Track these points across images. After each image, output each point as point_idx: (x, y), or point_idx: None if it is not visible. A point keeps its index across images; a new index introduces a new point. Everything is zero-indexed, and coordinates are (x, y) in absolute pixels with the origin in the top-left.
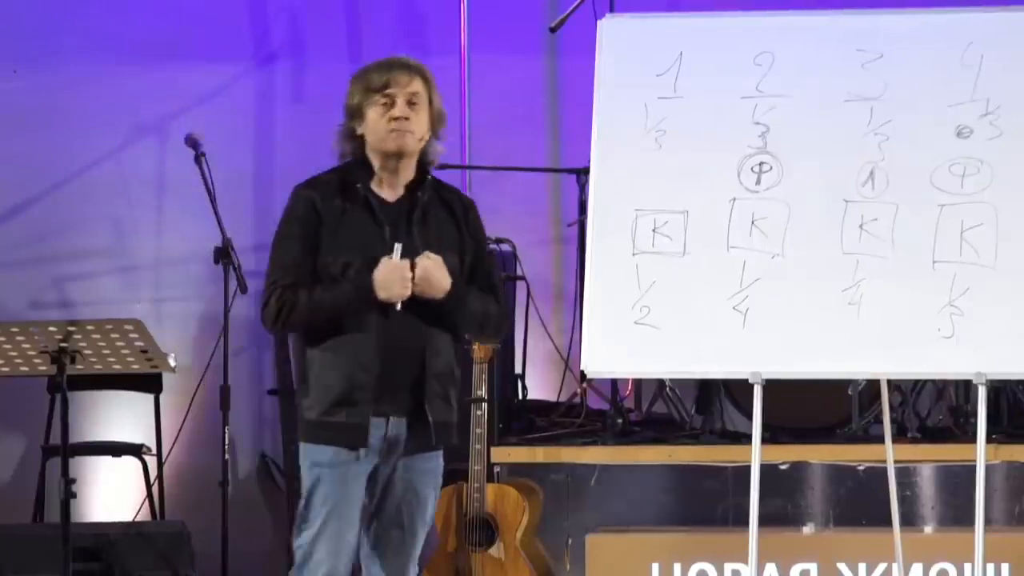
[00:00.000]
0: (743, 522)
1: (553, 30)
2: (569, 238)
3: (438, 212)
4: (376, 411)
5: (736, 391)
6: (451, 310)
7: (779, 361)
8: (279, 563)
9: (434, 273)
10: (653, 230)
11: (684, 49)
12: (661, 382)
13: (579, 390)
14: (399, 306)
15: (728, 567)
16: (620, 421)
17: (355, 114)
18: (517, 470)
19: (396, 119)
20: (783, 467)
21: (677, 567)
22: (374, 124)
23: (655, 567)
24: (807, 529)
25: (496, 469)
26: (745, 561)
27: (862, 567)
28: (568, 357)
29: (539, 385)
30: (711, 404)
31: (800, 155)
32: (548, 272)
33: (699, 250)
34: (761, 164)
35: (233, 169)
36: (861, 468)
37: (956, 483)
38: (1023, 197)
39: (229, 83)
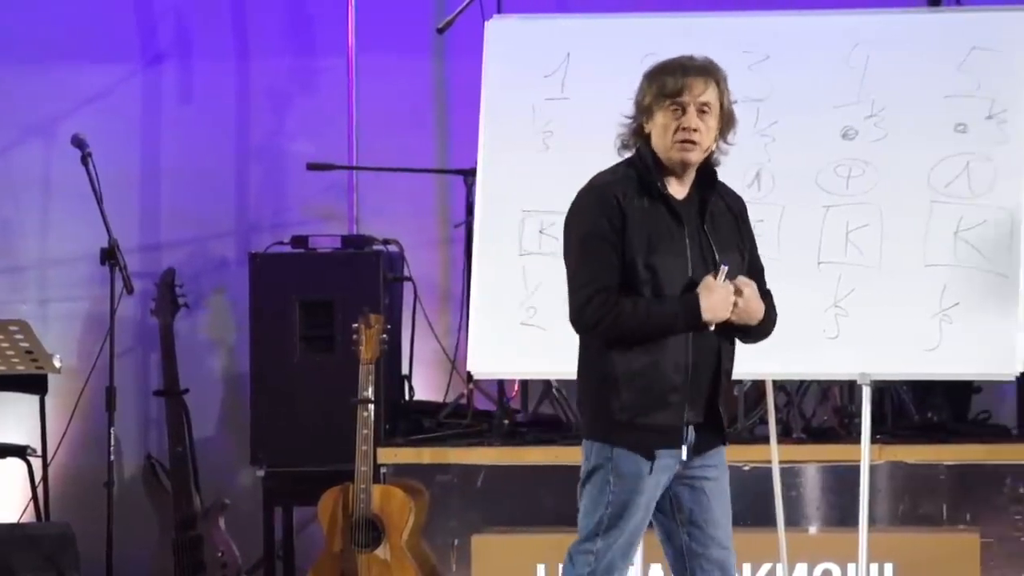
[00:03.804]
0: None
1: (441, 31)
2: (456, 239)
3: (722, 212)
4: (686, 414)
5: None
6: (756, 332)
7: None
8: (164, 564)
9: (752, 303)
10: (540, 231)
11: (571, 50)
12: (548, 383)
13: (466, 391)
14: (713, 327)
15: None
16: (506, 422)
17: (645, 112)
18: (403, 471)
19: (684, 130)
20: None
21: (562, 568)
22: (662, 130)
23: (541, 568)
24: None
25: (382, 470)
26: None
27: (747, 567)
28: (455, 358)
29: (426, 386)
30: None
31: None
32: (435, 273)
33: None
34: None
35: (120, 170)
36: (746, 468)
37: (841, 483)
38: (907, 198)
39: (116, 83)
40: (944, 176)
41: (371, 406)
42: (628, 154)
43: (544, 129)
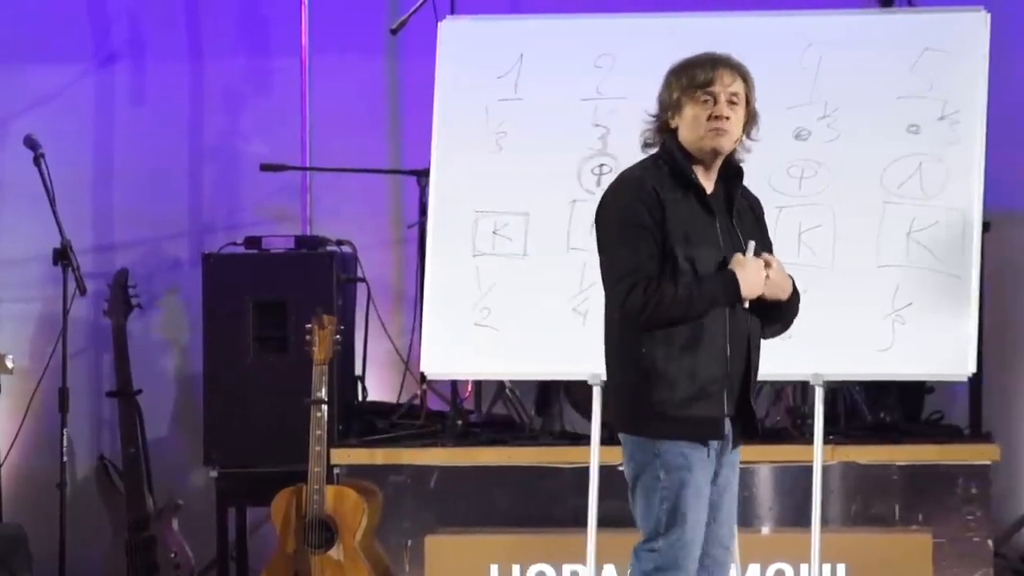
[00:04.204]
0: (582, 523)
1: (394, 32)
2: (410, 240)
3: (746, 209)
4: (726, 405)
5: (576, 392)
6: (785, 310)
7: None
8: (117, 565)
9: (781, 275)
10: (494, 232)
11: (525, 51)
12: (501, 383)
13: (419, 391)
14: (747, 304)
15: (567, 568)
16: (460, 422)
17: (672, 107)
18: (357, 471)
19: (717, 118)
20: (621, 468)
21: (516, 568)
22: (693, 121)
23: (494, 568)
24: None
25: (336, 471)
26: (584, 562)
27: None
28: (408, 359)
29: (379, 387)
30: (551, 405)
31: (640, 157)
32: (388, 274)
33: (539, 252)
34: (601, 166)
35: (73, 170)
36: None
37: (793, 484)
38: (860, 199)
39: (69, 84)
40: (897, 177)
41: (324, 407)
42: (651, 152)
43: (497, 130)
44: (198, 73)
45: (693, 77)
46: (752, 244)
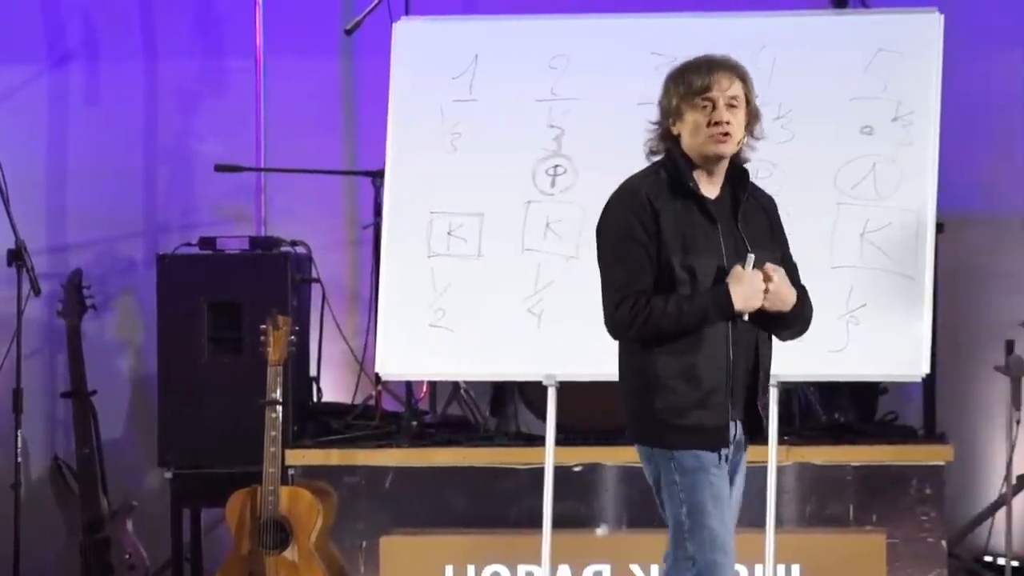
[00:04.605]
0: (537, 524)
1: (349, 32)
2: (365, 241)
3: (755, 210)
4: (731, 412)
5: (531, 393)
6: (791, 319)
7: (573, 363)
8: (72, 566)
9: (783, 287)
10: (448, 233)
11: (479, 52)
12: (456, 384)
13: (374, 392)
14: (747, 317)
15: (522, 569)
16: (415, 423)
17: (672, 114)
18: (311, 472)
19: (718, 123)
20: (577, 469)
21: (471, 569)
22: (694, 127)
23: (449, 569)
24: (600, 531)
25: (290, 472)
26: (539, 563)
27: (654, 568)
28: (363, 359)
29: (334, 387)
30: (505, 406)
31: (594, 158)
32: (343, 274)
33: (494, 252)
34: (556, 167)
35: (26, 170)
36: None
37: (748, 484)
38: (814, 200)
39: (22, 84)
40: (850, 178)
41: (279, 408)
42: (656, 159)
43: (452, 131)
44: (152, 73)
45: (691, 83)
46: (752, 257)
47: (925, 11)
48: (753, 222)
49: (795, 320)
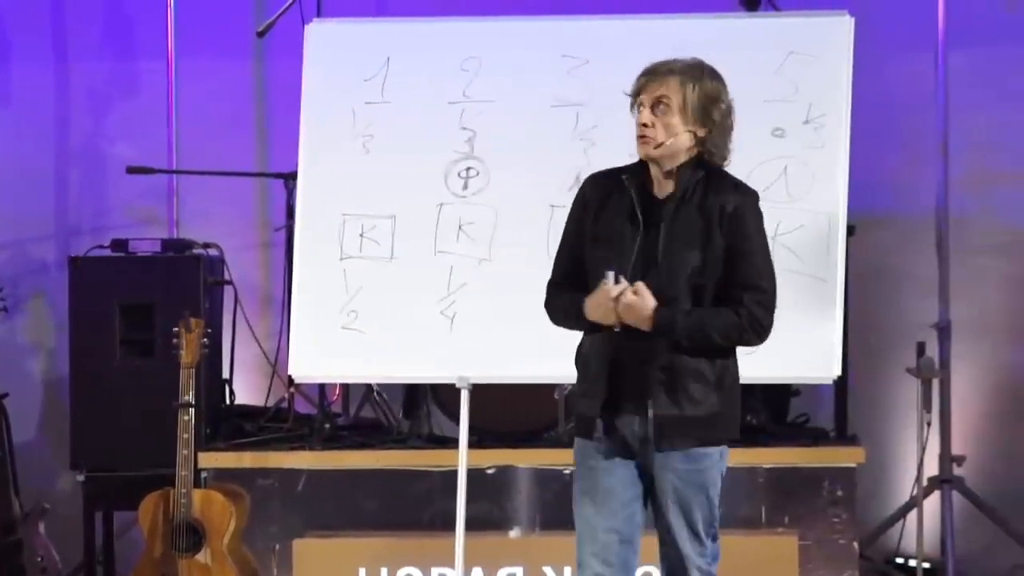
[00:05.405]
0: (450, 526)
1: (261, 34)
2: (277, 243)
3: (702, 210)
4: (606, 405)
5: (444, 395)
6: (664, 336)
7: (486, 365)
8: None
9: (634, 308)
10: (361, 235)
11: (392, 54)
12: (369, 386)
13: (287, 395)
14: (617, 328)
15: (435, 571)
16: (327, 426)
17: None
18: (224, 475)
19: (643, 126)
20: (490, 471)
21: (384, 571)
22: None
23: (362, 571)
24: (514, 533)
25: (203, 474)
26: (452, 565)
27: (567, 570)
28: (276, 362)
29: (247, 390)
30: (418, 408)
31: (507, 160)
32: (256, 277)
33: (407, 255)
34: (468, 169)
35: None
36: (567, 472)
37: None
38: None
39: None
40: (762, 180)
41: (192, 410)
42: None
43: (364, 133)
44: (63, 75)
45: (633, 88)
46: (610, 275)
47: (836, 14)
48: (681, 225)
49: (692, 340)
